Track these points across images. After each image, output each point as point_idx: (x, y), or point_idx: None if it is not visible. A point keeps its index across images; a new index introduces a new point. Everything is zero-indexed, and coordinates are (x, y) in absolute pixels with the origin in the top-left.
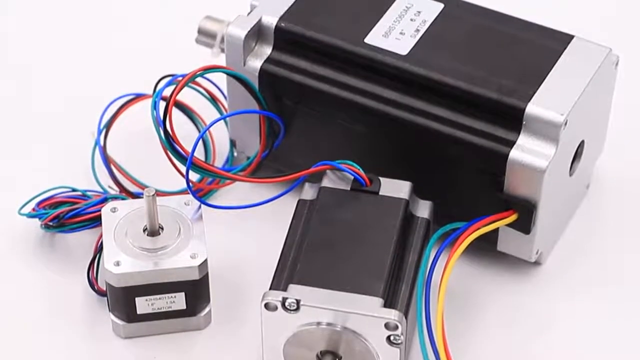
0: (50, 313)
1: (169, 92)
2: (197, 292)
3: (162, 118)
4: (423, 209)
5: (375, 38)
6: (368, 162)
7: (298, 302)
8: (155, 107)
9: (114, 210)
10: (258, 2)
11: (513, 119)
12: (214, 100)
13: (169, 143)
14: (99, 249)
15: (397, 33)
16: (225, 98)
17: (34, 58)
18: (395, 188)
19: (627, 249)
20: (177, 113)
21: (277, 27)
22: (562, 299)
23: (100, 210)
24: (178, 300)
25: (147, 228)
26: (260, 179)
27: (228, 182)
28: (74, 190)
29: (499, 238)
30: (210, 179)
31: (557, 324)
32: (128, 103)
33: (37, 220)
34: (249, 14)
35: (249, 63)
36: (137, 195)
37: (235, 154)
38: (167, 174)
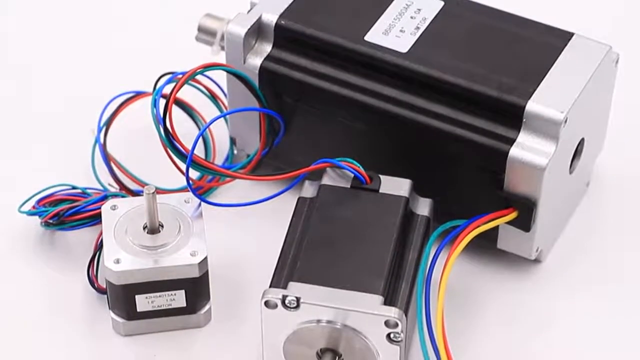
0: (50, 311)
1: (169, 89)
2: (197, 289)
3: (162, 116)
4: (423, 207)
5: (376, 36)
6: (368, 159)
7: (298, 299)
8: (155, 104)
9: (114, 208)
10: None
11: (513, 117)
12: (214, 98)
13: (169, 141)
14: (99, 247)
15: (397, 31)
16: (225, 96)
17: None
18: (395, 186)
19: (627, 247)
20: (177, 111)
21: (277, 24)
22: (562, 297)
23: (100, 208)
24: (178, 298)
25: (147, 226)
26: (260, 177)
27: (228, 179)
28: (74, 188)
29: (499, 236)
30: (210, 177)
31: (557, 322)
32: (128, 101)
33: (37, 218)
34: (249, 12)
35: (249, 61)
36: (137, 193)
37: (235, 152)
38: (167, 172)
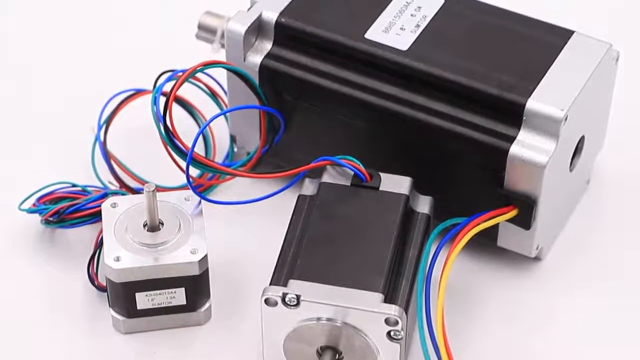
0: (51, 308)
1: (169, 87)
2: (197, 287)
3: (162, 113)
4: (423, 205)
5: (376, 33)
6: (368, 157)
7: (298, 297)
8: (156, 102)
9: (114, 206)
10: None
11: (513, 115)
12: (214, 96)
13: (169, 138)
14: (99, 245)
15: (397, 28)
16: (226, 93)
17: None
18: (396, 183)
19: (627, 245)
20: (177, 108)
21: (277, 22)
22: (562, 295)
23: (101, 206)
24: (178, 296)
25: (147, 223)
26: (261, 175)
27: (228, 177)
28: (74, 186)
29: (499, 233)
30: (211, 175)
31: (557, 320)
32: (128, 98)
33: (37, 216)
34: (249, 10)
35: (249, 58)
36: (137, 191)
37: (236, 150)
38: (167, 170)
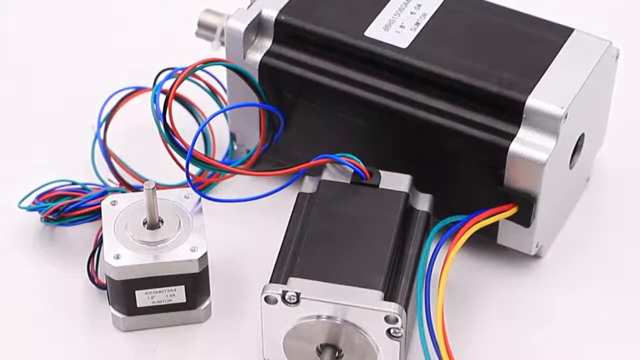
0: (50, 306)
1: (169, 85)
2: (197, 285)
3: (162, 111)
4: (423, 202)
5: (375, 31)
6: (368, 155)
7: (298, 295)
8: (155, 100)
9: (114, 204)
10: None
11: (513, 112)
12: (214, 94)
13: (169, 136)
14: (99, 242)
15: (397, 26)
16: (225, 91)
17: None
18: (395, 181)
19: (627, 242)
20: (177, 106)
21: (277, 20)
22: (562, 292)
23: (100, 204)
24: (178, 294)
25: (147, 221)
26: (260, 172)
27: (228, 175)
28: (74, 184)
29: (499, 231)
30: (210, 172)
31: (557, 317)
32: (128, 96)
33: (37, 214)
34: (249, 7)
35: (249, 56)
36: (137, 189)
37: (235, 147)
38: (167, 167)
